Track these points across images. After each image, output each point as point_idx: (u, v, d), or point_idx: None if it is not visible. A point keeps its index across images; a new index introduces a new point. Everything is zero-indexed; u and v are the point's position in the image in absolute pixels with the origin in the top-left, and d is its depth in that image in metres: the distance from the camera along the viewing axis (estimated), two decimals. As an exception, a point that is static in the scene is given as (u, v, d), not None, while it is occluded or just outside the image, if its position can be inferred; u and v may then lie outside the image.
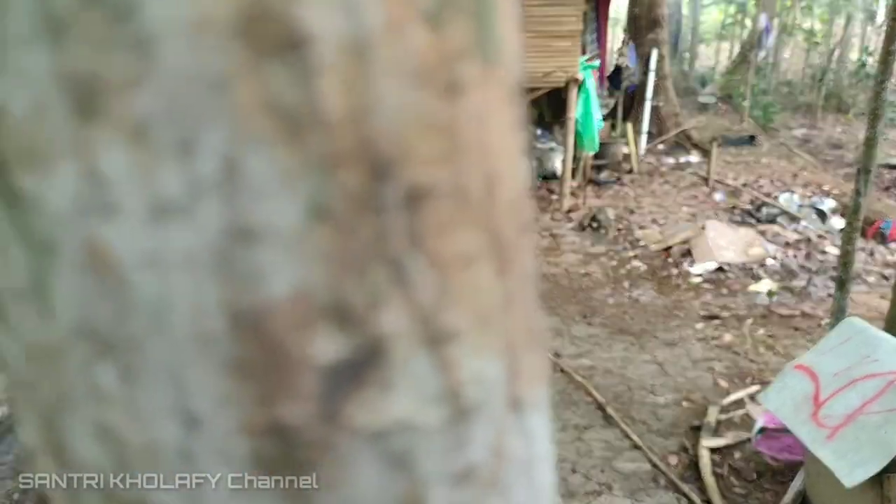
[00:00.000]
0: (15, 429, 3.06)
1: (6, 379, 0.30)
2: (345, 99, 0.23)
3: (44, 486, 0.31)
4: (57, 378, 0.27)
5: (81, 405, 0.27)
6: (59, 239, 0.25)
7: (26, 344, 0.27)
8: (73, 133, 0.23)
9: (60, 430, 0.28)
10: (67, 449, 0.28)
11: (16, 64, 0.23)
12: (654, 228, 6.99)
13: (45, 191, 0.24)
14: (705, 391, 4.18)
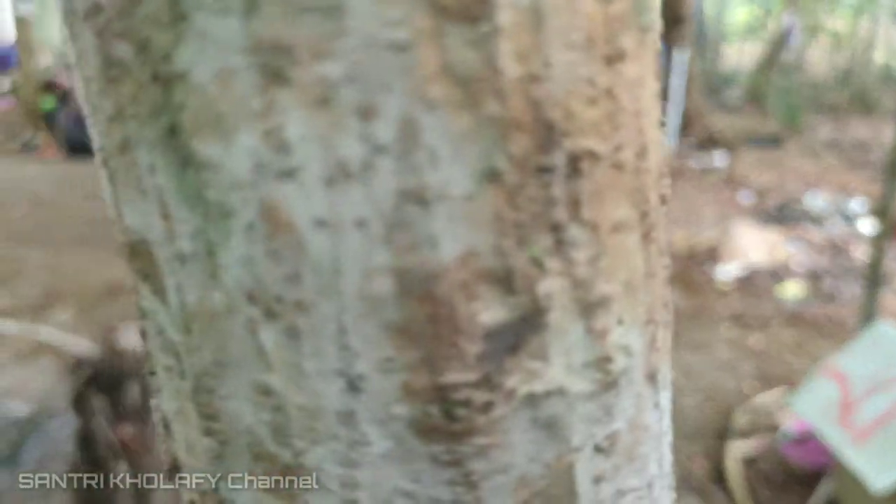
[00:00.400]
0: (42, 426, 3.08)
1: (155, 347, 0.30)
2: (519, 65, 0.24)
3: (177, 455, 0.32)
4: (217, 342, 0.27)
5: (242, 369, 0.27)
6: (234, 203, 0.25)
7: (188, 309, 0.28)
8: (259, 99, 0.23)
9: (215, 395, 0.28)
10: (221, 413, 0.28)
11: (205, 32, 0.23)
12: (678, 230, 6.96)
13: (224, 156, 0.25)
14: (731, 394, 4.15)
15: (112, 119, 0.27)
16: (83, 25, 0.26)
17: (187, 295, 0.27)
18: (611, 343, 0.28)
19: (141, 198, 0.27)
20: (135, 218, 0.29)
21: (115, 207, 0.30)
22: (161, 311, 0.29)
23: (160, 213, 0.27)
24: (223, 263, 0.26)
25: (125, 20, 0.25)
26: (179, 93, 0.24)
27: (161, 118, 0.25)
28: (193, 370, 0.28)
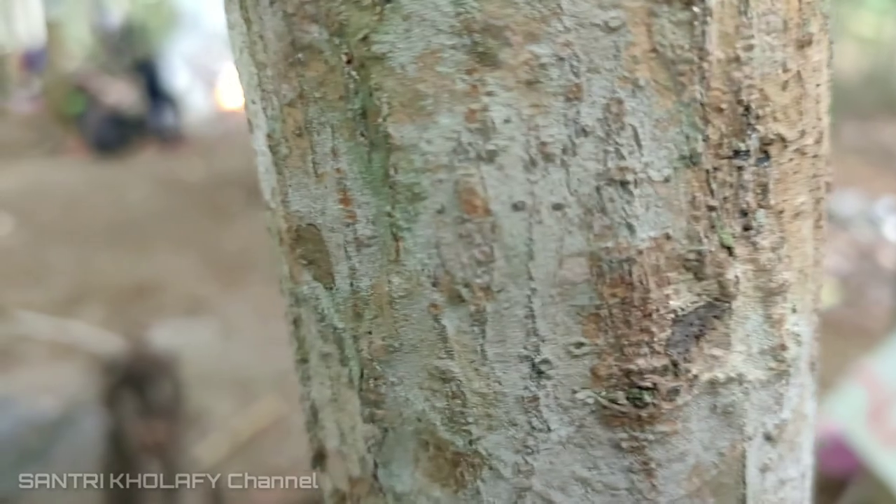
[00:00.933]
0: (73, 423, 3.10)
1: (311, 334, 0.30)
2: (723, 47, 0.24)
3: (324, 443, 0.32)
4: (391, 327, 0.27)
5: (417, 354, 0.27)
6: (425, 186, 0.25)
7: (360, 294, 0.27)
8: (464, 81, 0.23)
9: (383, 381, 0.28)
10: (387, 400, 0.28)
11: (412, 13, 0.23)
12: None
13: (420, 138, 0.25)
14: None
15: (291, 103, 0.27)
16: (266, 10, 0.26)
17: (361, 280, 0.27)
18: (785, 331, 0.28)
19: (315, 182, 0.27)
20: (304, 203, 0.29)
21: (280, 193, 0.30)
22: (324, 296, 0.29)
23: (338, 198, 0.27)
24: (407, 247, 0.26)
25: (321, 3, 0.25)
26: (376, 75, 0.24)
27: (352, 101, 0.25)
28: (360, 356, 0.28)
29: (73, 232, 6.49)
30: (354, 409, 0.30)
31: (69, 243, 6.14)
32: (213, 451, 2.74)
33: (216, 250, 6.03)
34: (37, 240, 6.19)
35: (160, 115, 10.44)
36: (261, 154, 0.31)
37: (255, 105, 0.30)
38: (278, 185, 0.30)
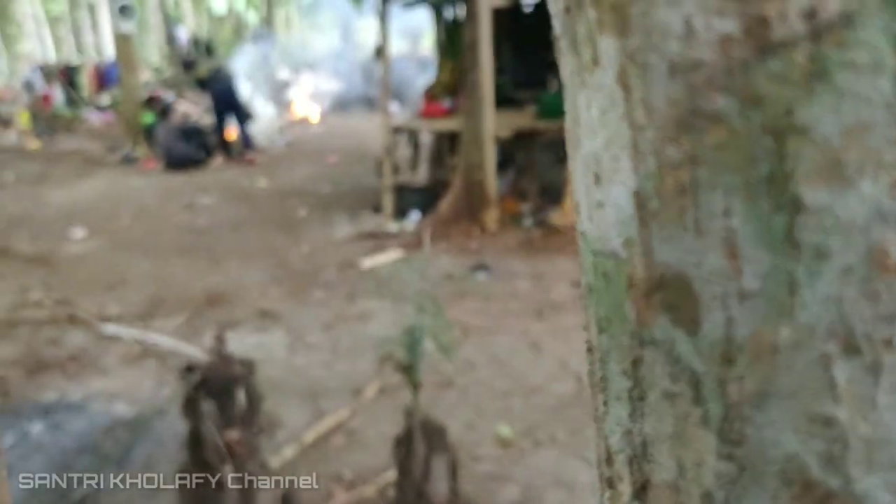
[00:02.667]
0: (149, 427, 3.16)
1: (657, 373, 0.32)
2: None
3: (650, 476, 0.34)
4: (767, 374, 0.29)
5: (797, 399, 0.28)
6: (835, 246, 0.27)
7: (734, 342, 0.29)
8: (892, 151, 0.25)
9: (749, 423, 0.30)
10: (749, 440, 0.30)
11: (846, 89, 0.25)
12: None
13: (835, 202, 0.26)
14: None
15: (676, 165, 0.29)
16: (661, 80, 0.28)
17: (738, 329, 0.29)
18: None
19: (694, 237, 0.29)
20: (673, 254, 0.30)
21: (641, 244, 0.32)
22: (683, 341, 0.31)
23: (723, 253, 0.28)
24: (804, 302, 0.27)
25: (735, 78, 0.27)
26: (794, 144, 0.26)
27: (758, 166, 0.27)
28: (725, 399, 0.30)
29: (144, 242, 6.70)
30: (705, 447, 0.31)
31: (141, 253, 6.33)
32: (282, 457, 2.79)
33: (282, 261, 6.16)
34: (110, 249, 6.40)
35: (228, 127, 10.72)
36: (614, 206, 0.33)
37: (616, 162, 0.32)
38: (640, 236, 0.32)
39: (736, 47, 0.27)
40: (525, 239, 6.19)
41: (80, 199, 8.46)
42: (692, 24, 0.28)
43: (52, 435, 3.16)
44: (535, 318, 4.59)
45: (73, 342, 4.04)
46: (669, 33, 0.29)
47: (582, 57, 0.34)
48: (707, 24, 0.28)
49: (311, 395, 3.47)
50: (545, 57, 8.57)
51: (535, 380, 3.55)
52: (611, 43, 0.31)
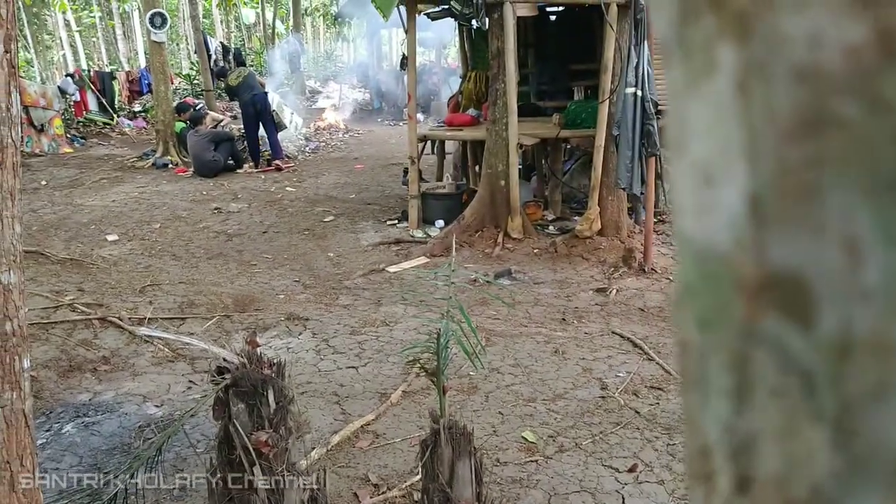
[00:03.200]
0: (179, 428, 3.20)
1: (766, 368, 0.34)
2: None
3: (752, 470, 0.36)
4: (887, 368, 0.31)
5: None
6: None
7: (852, 339, 0.31)
8: None
9: (867, 418, 0.32)
10: (870, 435, 0.32)
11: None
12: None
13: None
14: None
15: (795, 168, 0.31)
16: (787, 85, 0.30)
17: (857, 325, 0.31)
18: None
19: (812, 236, 0.31)
20: (789, 253, 0.32)
21: (753, 242, 0.34)
22: (795, 337, 0.33)
23: (843, 251, 0.31)
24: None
25: (864, 83, 0.29)
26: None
27: (884, 168, 0.29)
28: (840, 394, 0.32)
29: (175, 246, 6.82)
30: (816, 441, 0.33)
31: (172, 257, 6.45)
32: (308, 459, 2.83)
33: (309, 266, 6.23)
34: (142, 253, 6.52)
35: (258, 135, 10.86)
36: (725, 208, 0.34)
37: (729, 166, 0.34)
38: (753, 236, 0.33)
39: (865, 54, 0.28)
40: (548, 246, 6.21)
41: (113, 204, 8.62)
42: (819, 31, 0.29)
43: (84, 435, 3.23)
44: (559, 325, 4.61)
45: (105, 344, 4.13)
46: (795, 40, 0.30)
47: (695, 63, 0.35)
48: (835, 30, 0.29)
49: (338, 398, 3.51)
50: (569, 66, 8.60)
51: (559, 386, 3.57)
52: (731, 50, 0.32)
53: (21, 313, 1.64)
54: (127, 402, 3.51)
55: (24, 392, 1.66)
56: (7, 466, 1.64)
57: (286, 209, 8.41)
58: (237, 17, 29.84)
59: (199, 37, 15.08)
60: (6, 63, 1.54)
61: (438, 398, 2.13)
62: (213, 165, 10.20)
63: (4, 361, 1.60)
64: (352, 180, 10.23)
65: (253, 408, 2.12)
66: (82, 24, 29.65)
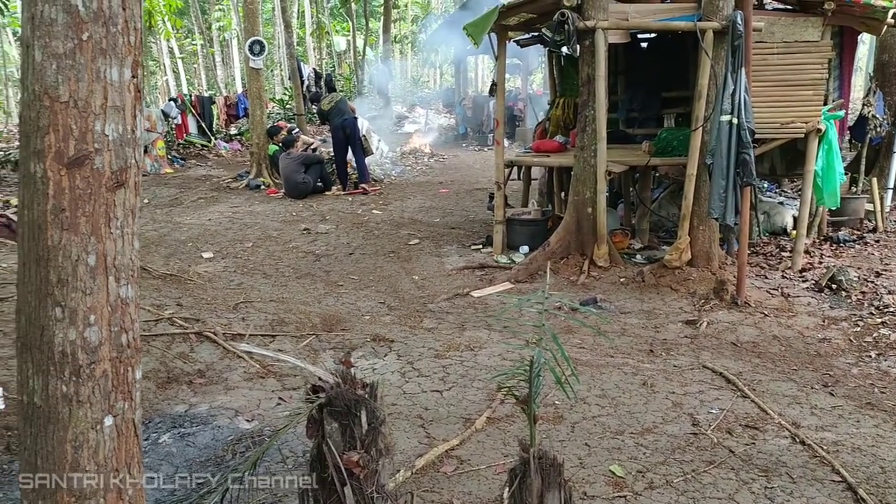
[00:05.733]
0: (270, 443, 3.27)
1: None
2: None
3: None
4: None
5: None
6: None
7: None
8: None
9: None
10: None
11: None
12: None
13: None
14: None
15: None
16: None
17: None
18: None
19: None
20: None
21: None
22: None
23: None
24: None
25: None
26: None
27: None
28: None
29: (266, 265, 7.04)
30: None
31: (263, 275, 6.65)
32: (394, 481, 2.84)
33: (394, 288, 6.32)
34: (235, 271, 6.75)
35: (347, 158, 11.15)
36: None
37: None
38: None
39: None
40: (635, 275, 6.09)
41: (209, 222, 8.98)
42: None
43: (180, 445, 3.34)
44: (646, 357, 4.50)
45: (201, 358, 4.28)
46: None
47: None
48: None
49: (422, 421, 3.53)
50: (660, 93, 8.47)
51: (648, 419, 3.48)
52: None
53: (136, 326, 1.73)
54: (220, 415, 3.61)
55: (135, 402, 1.74)
56: (116, 473, 1.72)
57: (372, 231, 8.57)
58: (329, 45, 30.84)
59: (293, 63, 15.65)
60: (133, 87, 1.63)
61: (529, 427, 2.11)
62: (303, 187, 10.51)
63: (119, 372, 1.68)
64: (436, 204, 10.34)
65: (346, 428, 2.15)
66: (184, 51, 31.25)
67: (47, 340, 1.57)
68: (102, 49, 1.54)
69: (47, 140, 1.52)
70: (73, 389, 1.59)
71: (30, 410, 1.63)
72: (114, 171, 1.59)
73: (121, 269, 1.65)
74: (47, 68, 1.51)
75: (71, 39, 1.51)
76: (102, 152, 1.57)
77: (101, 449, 1.65)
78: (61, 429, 1.60)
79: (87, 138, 1.55)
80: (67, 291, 1.57)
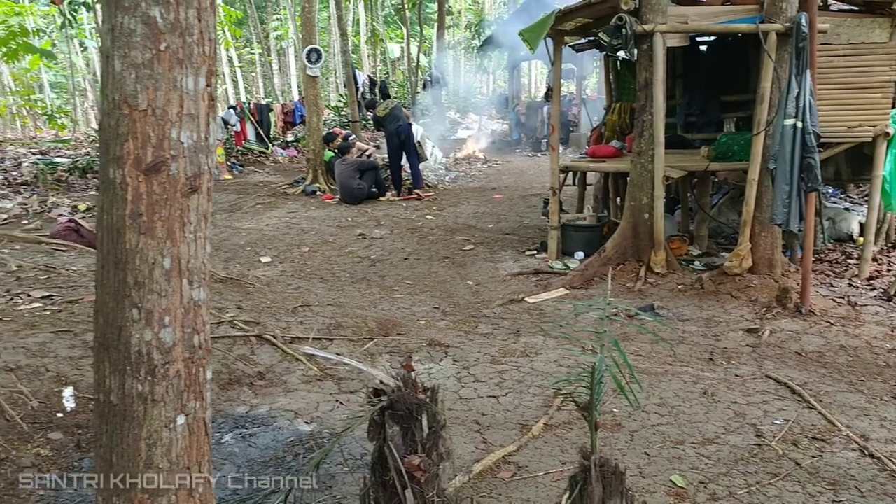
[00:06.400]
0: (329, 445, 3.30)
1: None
2: None
3: None
4: None
5: None
6: None
7: None
8: None
9: None
10: None
11: None
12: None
13: None
14: None
15: None
16: None
17: None
18: None
19: None
20: None
21: None
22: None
23: None
24: None
25: None
26: None
27: None
28: None
29: (322, 269, 7.15)
30: None
31: (319, 279, 6.75)
32: (452, 486, 2.84)
33: (449, 293, 6.34)
34: (292, 275, 6.87)
35: (401, 164, 11.25)
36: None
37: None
38: None
39: None
40: (694, 282, 5.98)
41: (266, 227, 9.16)
42: None
43: (242, 446, 3.41)
44: (706, 365, 4.41)
45: (261, 360, 4.36)
46: None
47: None
48: None
49: (479, 426, 3.52)
50: (720, 97, 8.31)
51: (709, 429, 3.41)
52: None
53: (207, 328, 1.78)
54: (280, 417, 3.67)
55: (205, 402, 1.79)
56: (187, 471, 1.76)
57: (426, 237, 8.61)
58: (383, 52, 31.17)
59: (349, 71, 15.86)
60: (207, 96, 1.68)
61: (590, 433, 2.09)
62: (358, 193, 10.63)
63: (191, 372, 1.73)
64: (490, 210, 10.33)
65: (407, 431, 2.16)
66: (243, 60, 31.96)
67: (124, 340, 1.63)
68: (179, 59, 1.59)
69: (126, 147, 1.58)
70: (148, 388, 1.64)
71: (106, 409, 1.69)
72: (188, 176, 1.64)
73: (194, 272, 1.70)
74: (127, 78, 1.57)
75: (149, 50, 1.56)
76: (178, 159, 1.62)
77: (173, 447, 1.70)
78: (136, 427, 1.66)
79: (163, 145, 1.60)
80: (144, 293, 1.62)
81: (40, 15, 26.69)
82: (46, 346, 3.90)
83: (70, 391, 3.56)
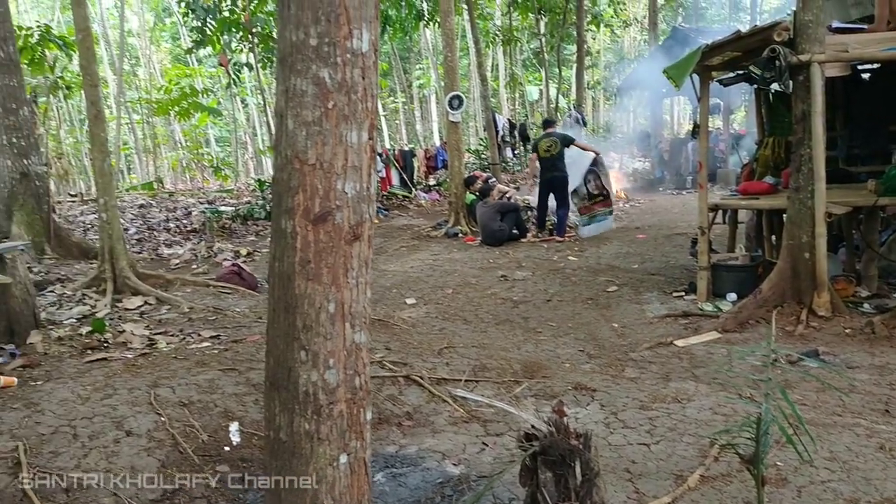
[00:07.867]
0: (481, 489, 3.28)
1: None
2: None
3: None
4: None
5: None
6: None
7: None
8: None
9: None
10: None
11: None
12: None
13: None
14: None
15: None
16: None
17: None
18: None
19: None
20: None
21: None
22: None
23: None
24: None
25: None
26: None
27: None
28: None
29: (465, 310, 7.22)
30: None
31: (463, 321, 6.82)
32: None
33: (594, 335, 6.21)
34: (437, 316, 6.99)
35: (548, 205, 11.25)
36: None
37: None
38: None
39: None
40: (864, 326, 5.53)
41: (411, 269, 9.41)
42: None
43: (392, 485, 3.47)
44: (882, 417, 4.04)
45: (409, 400, 4.45)
46: None
47: None
48: None
49: (630, 475, 3.41)
50: (887, 127, 7.75)
51: (889, 487, 3.11)
52: None
53: (367, 370, 1.85)
54: (428, 458, 3.72)
55: (365, 442, 1.85)
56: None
57: (569, 278, 8.52)
58: (522, 95, 31.54)
59: (488, 115, 16.16)
60: (369, 148, 1.78)
61: (756, 489, 1.98)
62: (500, 235, 10.72)
63: (353, 412, 1.80)
64: (634, 250, 10.09)
65: (560, 478, 2.13)
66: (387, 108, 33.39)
67: (293, 381, 1.73)
68: (345, 115, 1.69)
69: (297, 199, 1.69)
70: (315, 427, 1.73)
71: (276, 445, 1.78)
72: (351, 225, 1.73)
73: (356, 316, 1.78)
74: (298, 135, 1.69)
75: (318, 108, 1.68)
76: (342, 208, 1.71)
77: (337, 485, 1.77)
78: (304, 463, 1.74)
79: (330, 196, 1.70)
80: (311, 336, 1.71)
81: (207, 76, 29.26)
82: (215, 382, 4.18)
83: (235, 426, 3.79)
